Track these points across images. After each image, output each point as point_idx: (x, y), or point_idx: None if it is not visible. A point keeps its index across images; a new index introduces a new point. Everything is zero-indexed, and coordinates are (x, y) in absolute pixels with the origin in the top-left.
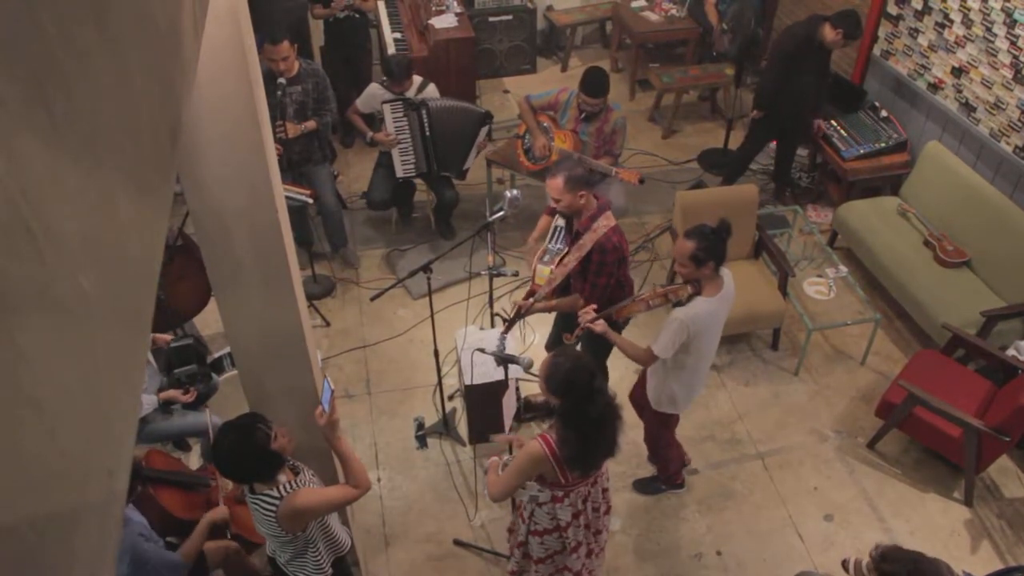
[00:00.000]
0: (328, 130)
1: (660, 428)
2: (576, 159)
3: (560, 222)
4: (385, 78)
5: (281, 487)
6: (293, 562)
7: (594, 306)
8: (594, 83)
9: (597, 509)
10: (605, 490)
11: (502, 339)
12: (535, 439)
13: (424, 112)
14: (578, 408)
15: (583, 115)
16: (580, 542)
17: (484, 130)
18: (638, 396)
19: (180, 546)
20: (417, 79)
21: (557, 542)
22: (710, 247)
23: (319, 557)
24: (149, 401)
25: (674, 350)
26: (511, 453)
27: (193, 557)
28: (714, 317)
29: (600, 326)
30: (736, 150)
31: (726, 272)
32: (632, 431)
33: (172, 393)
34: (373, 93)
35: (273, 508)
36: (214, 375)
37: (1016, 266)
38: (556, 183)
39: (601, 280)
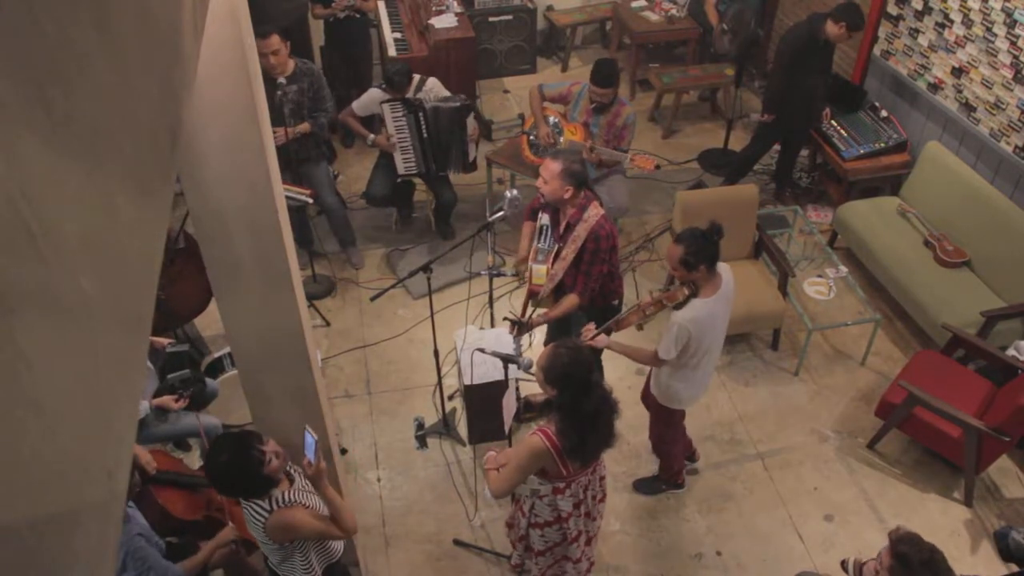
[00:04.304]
0: (325, 130)
1: (664, 424)
2: (588, 149)
3: (545, 220)
4: (385, 84)
5: (273, 500)
6: (282, 565)
7: (592, 325)
8: (604, 73)
9: (596, 497)
10: (602, 478)
11: (516, 343)
12: (534, 433)
13: (421, 115)
14: (575, 400)
15: (594, 106)
16: (581, 531)
17: (470, 119)
18: (647, 394)
19: (179, 546)
20: (415, 78)
21: (557, 533)
22: (700, 250)
23: (308, 564)
24: (141, 407)
25: (677, 351)
26: (511, 445)
27: (194, 574)
28: (713, 318)
29: (602, 341)
30: (741, 151)
31: (725, 268)
32: (632, 432)
33: (165, 399)
34: (373, 98)
35: (262, 519)
36: (209, 380)
37: (1016, 266)
38: (553, 167)
39: (595, 268)
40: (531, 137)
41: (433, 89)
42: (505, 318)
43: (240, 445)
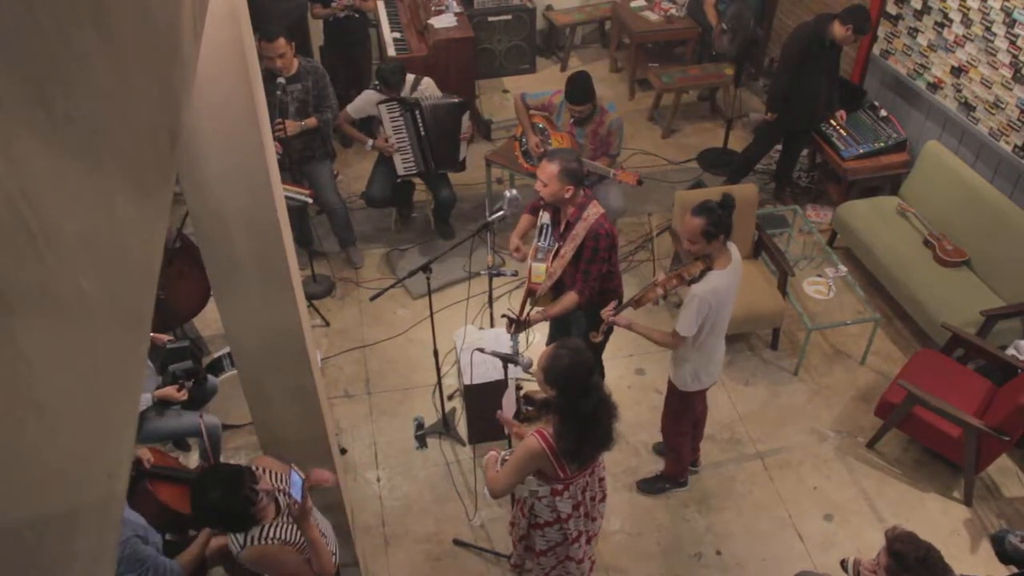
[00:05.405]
0: (329, 127)
1: (678, 413)
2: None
3: (546, 219)
4: (379, 84)
5: (250, 537)
6: None
7: (614, 303)
8: (575, 90)
9: (594, 498)
10: (602, 479)
11: (514, 340)
12: (532, 435)
13: (418, 113)
14: (573, 402)
15: (574, 120)
16: (581, 531)
17: (465, 118)
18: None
19: (177, 544)
20: (409, 77)
21: (558, 534)
22: (719, 221)
23: None
24: (143, 399)
25: (698, 326)
26: (510, 446)
27: (192, 566)
28: (729, 288)
29: (623, 320)
30: (743, 151)
31: (731, 245)
32: (632, 432)
33: (167, 391)
34: (368, 99)
35: (236, 549)
36: (211, 376)
37: (1016, 266)
38: (551, 169)
39: (594, 268)
40: (523, 145)
41: (427, 89)
42: (503, 315)
43: (233, 483)
